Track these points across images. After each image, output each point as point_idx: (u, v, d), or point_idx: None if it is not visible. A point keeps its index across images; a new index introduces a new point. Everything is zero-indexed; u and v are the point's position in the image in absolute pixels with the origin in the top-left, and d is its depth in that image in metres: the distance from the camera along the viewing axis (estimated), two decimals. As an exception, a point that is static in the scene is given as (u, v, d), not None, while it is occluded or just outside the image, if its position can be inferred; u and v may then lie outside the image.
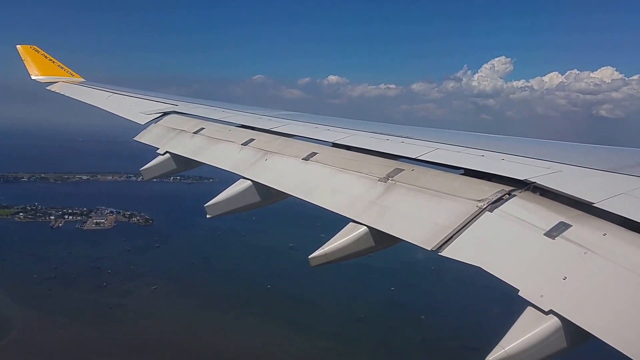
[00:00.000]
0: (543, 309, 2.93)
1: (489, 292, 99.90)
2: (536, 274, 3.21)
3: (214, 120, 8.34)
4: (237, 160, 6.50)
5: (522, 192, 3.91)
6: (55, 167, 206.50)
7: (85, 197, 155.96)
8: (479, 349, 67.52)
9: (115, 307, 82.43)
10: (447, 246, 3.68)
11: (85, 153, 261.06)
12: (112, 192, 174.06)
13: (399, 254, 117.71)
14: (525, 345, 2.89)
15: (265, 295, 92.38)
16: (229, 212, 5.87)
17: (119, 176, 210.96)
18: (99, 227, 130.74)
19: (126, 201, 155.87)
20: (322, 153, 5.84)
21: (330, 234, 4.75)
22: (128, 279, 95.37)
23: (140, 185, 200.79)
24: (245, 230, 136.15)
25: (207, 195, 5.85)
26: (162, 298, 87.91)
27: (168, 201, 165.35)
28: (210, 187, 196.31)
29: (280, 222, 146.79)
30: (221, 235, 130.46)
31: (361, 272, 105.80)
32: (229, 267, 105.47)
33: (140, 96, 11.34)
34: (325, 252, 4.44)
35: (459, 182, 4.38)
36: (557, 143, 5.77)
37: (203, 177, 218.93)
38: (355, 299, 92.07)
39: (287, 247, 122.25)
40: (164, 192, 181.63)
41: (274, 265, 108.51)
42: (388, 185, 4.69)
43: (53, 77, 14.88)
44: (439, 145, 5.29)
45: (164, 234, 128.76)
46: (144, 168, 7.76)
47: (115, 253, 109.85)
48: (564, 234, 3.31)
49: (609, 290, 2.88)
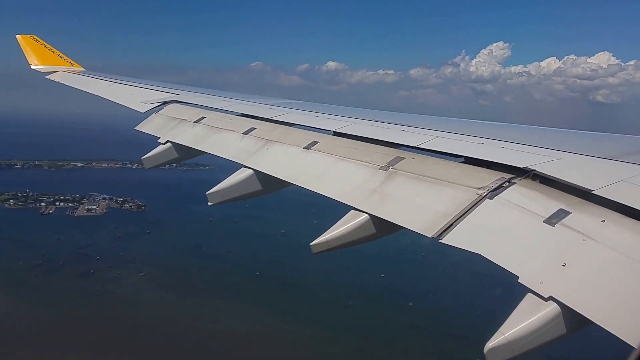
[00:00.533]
0: (543, 295, 2.94)
1: (478, 279, 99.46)
2: (536, 260, 3.22)
3: (215, 109, 8.36)
4: (238, 149, 6.49)
5: (521, 180, 3.92)
6: (50, 154, 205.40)
7: (78, 184, 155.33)
8: (466, 337, 67.75)
9: (102, 294, 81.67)
10: (447, 233, 3.69)
11: (83, 141, 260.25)
12: (107, 179, 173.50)
13: (389, 240, 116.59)
14: (525, 331, 2.91)
15: (254, 281, 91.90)
16: (230, 200, 5.94)
17: (114, 163, 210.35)
18: (90, 214, 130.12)
19: (120, 188, 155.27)
20: (323, 142, 5.85)
21: (323, 220, 4.92)
22: (116, 266, 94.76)
23: (135, 172, 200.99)
24: (238, 216, 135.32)
25: (203, 183, 5.87)
26: (149, 285, 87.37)
27: (162, 188, 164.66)
28: (206, 175, 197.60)
29: (274, 208, 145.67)
30: (213, 221, 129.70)
31: (351, 259, 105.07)
32: (218, 254, 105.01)
33: (141, 85, 11.38)
34: (326, 239, 4.41)
35: (459, 170, 4.40)
36: (557, 131, 5.81)
37: (199, 164, 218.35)
38: (344, 286, 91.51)
39: (278, 234, 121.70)
40: (158, 179, 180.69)
41: (264, 251, 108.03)
42: (389, 174, 4.70)
43: (53, 66, 14.88)
44: (440, 134, 5.28)
45: (155, 220, 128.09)
46: (145, 157, 7.78)
47: (105, 239, 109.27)
48: (564, 221, 3.31)
49: (607, 277, 2.89)
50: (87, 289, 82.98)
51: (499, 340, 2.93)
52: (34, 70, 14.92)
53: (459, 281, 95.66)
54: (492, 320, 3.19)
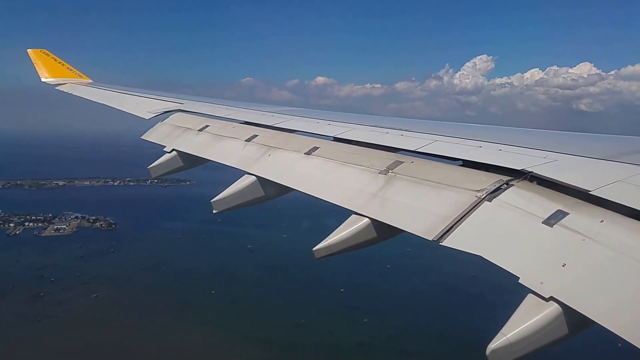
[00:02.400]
0: (544, 295, 2.96)
1: (439, 291, 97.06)
2: (535, 261, 3.23)
3: (218, 117, 8.45)
4: (242, 156, 6.55)
5: (519, 182, 3.94)
6: (33, 173, 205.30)
7: (54, 203, 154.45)
8: (418, 353, 65.01)
9: (45, 319, 79.70)
10: (447, 236, 3.70)
11: (70, 159, 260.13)
12: (85, 197, 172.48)
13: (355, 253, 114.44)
14: (527, 332, 2.92)
15: (209, 300, 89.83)
16: (234, 207, 5.96)
17: (96, 181, 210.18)
18: (58, 234, 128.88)
19: (96, 206, 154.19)
20: (324, 147, 5.90)
21: (294, 234, 3.12)
22: (69, 288, 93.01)
23: (116, 189, 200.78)
24: (207, 232, 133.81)
25: (180, 198, 3.83)
26: (100, 307, 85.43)
27: (139, 205, 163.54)
28: (186, 190, 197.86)
29: (246, 222, 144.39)
30: (181, 238, 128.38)
31: (312, 274, 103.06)
32: (179, 272, 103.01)
33: (146, 95, 11.52)
34: (328, 244, 4.42)
35: (457, 173, 4.44)
36: (553, 133, 5.84)
37: (180, 179, 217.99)
38: (301, 303, 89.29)
39: (245, 250, 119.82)
40: (137, 196, 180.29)
41: (226, 268, 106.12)
42: (388, 178, 4.73)
43: (62, 79, 15.28)
44: (438, 137, 5.32)
45: (124, 238, 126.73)
46: (151, 166, 7.81)
47: (65, 260, 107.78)
48: (562, 222, 3.33)
49: (607, 276, 2.90)
50: (31, 314, 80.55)
51: (501, 341, 2.91)
52: (45, 82, 15.26)
53: (422, 294, 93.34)
54: (447, 335, 1.97)
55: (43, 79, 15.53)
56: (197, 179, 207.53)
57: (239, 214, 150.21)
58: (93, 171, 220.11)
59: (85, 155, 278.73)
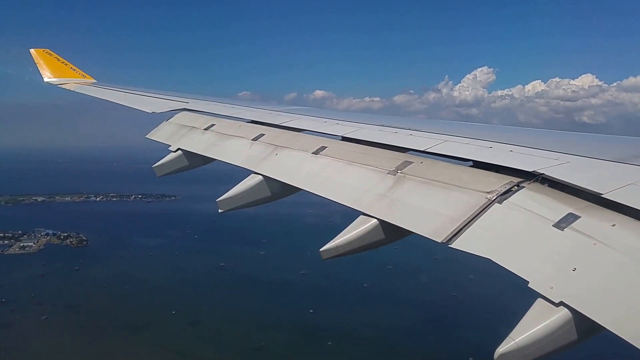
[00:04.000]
0: (553, 300, 2.91)
1: (412, 312, 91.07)
2: (546, 265, 3.18)
3: (224, 116, 8.36)
4: (248, 155, 6.48)
5: (530, 184, 3.89)
6: (13, 189, 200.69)
7: (28, 220, 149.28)
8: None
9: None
10: (456, 238, 3.66)
11: (57, 174, 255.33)
12: (63, 213, 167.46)
13: (331, 270, 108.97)
14: (536, 337, 2.88)
15: (167, 321, 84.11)
16: (240, 207, 5.87)
17: (78, 197, 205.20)
18: (23, 251, 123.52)
19: (71, 222, 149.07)
20: (332, 147, 5.83)
21: (271, 252, 33.42)
22: (20, 309, 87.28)
23: (97, 205, 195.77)
24: (181, 249, 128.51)
25: (161, 214, 12.10)
26: (47, 330, 79.61)
27: (117, 220, 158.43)
28: (170, 206, 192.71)
29: (225, 239, 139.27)
30: (152, 255, 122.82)
31: (282, 293, 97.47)
32: (142, 291, 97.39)
33: (152, 94, 11.35)
34: (336, 245, 4.35)
35: (467, 174, 4.38)
36: (565, 133, 5.77)
37: (165, 195, 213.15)
38: (265, 324, 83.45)
39: (217, 267, 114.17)
40: (117, 212, 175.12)
41: (193, 287, 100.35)
42: (397, 178, 4.68)
43: (66, 79, 15.13)
44: (448, 138, 5.26)
45: (93, 255, 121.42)
46: (156, 165, 7.73)
47: (24, 279, 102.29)
48: (573, 225, 3.28)
49: (619, 282, 2.85)
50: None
51: (510, 345, 2.86)
52: (48, 83, 15.05)
53: (393, 316, 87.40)
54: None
55: (46, 79, 15.26)
56: (183, 194, 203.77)
57: (219, 230, 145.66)
58: (77, 187, 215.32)
59: (73, 171, 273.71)
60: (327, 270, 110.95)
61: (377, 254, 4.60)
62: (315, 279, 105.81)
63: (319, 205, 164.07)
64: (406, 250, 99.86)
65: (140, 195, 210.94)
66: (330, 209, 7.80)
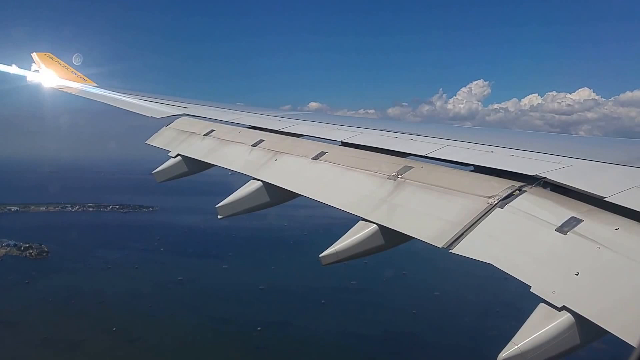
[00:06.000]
0: (556, 305, 2.90)
1: (367, 330, 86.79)
2: (548, 270, 3.17)
3: (224, 122, 8.30)
4: (248, 161, 6.48)
5: (532, 188, 3.87)
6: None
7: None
8: None
9: None
10: (457, 243, 3.64)
11: (37, 184, 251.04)
12: (33, 223, 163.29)
13: (292, 285, 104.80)
14: (538, 341, 2.87)
15: (105, 338, 79.97)
16: (239, 213, 5.87)
17: (54, 207, 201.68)
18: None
19: (38, 233, 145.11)
20: (331, 152, 5.81)
21: (235, 265, 33.32)
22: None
23: (71, 215, 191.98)
24: (143, 261, 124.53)
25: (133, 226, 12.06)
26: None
27: (86, 231, 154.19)
28: (145, 217, 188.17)
29: (190, 251, 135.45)
30: (111, 268, 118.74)
31: (233, 311, 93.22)
32: (87, 305, 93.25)
33: (152, 99, 11.23)
34: (335, 250, 4.33)
35: (468, 178, 4.37)
36: (567, 137, 5.91)
37: (143, 206, 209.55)
38: (204, 341, 79.29)
39: (174, 282, 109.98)
40: (89, 222, 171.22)
41: (142, 302, 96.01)
42: (397, 183, 4.65)
43: (67, 82, 15.09)
44: (448, 142, 5.24)
45: (49, 267, 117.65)
46: (155, 171, 7.64)
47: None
48: (576, 229, 3.26)
49: (622, 285, 2.83)
50: None
51: (512, 350, 2.85)
52: (50, 86, 15.01)
53: (342, 334, 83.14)
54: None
55: (48, 82, 15.33)
56: (162, 205, 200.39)
57: (187, 242, 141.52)
58: (54, 197, 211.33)
59: (58, 180, 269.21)
60: (288, 285, 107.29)
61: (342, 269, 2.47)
62: (272, 295, 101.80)
63: (300, 218, 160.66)
64: (375, 264, 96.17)
65: (118, 205, 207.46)
66: (309, 222, 4.04)
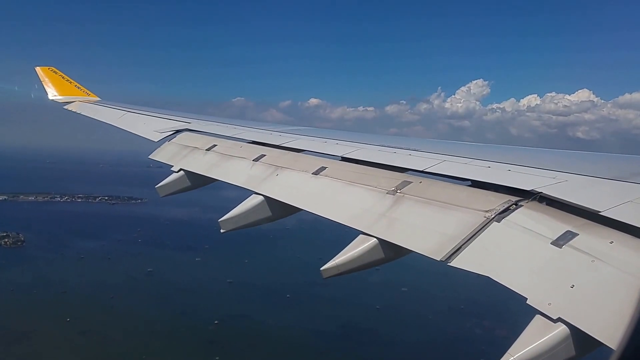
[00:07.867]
0: (551, 316, 2.94)
1: (325, 326, 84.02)
2: (544, 282, 3.22)
3: (226, 137, 8.37)
4: (249, 175, 6.55)
5: (528, 202, 3.91)
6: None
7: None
8: None
9: None
10: (455, 256, 3.69)
11: (32, 174, 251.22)
12: (16, 212, 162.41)
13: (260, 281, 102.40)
14: (534, 353, 2.91)
15: (56, 329, 78.12)
16: (242, 227, 5.93)
17: (43, 197, 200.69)
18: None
19: (18, 222, 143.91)
20: (332, 167, 5.88)
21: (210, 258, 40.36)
22: None
23: (57, 205, 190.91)
24: (117, 253, 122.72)
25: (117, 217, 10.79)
26: None
27: (67, 221, 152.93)
28: (131, 208, 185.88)
29: (169, 243, 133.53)
30: (84, 258, 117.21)
31: (195, 301, 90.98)
32: (49, 295, 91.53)
33: (154, 114, 11.30)
34: (336, 263, 4.42)
35: (466, 193, 4.41)
36: (563, 152, 5.87)
37: (133, 197, 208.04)
38: (158, 333, 77.41)
39: (144, 273, 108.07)
40: (72, 213, 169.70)
41: (106, 293, 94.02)
42: (396, 198, 4.70)
43: (70, 96, 15.29)
44: (446, 157, 5.31)
45: (21, 256, 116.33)
46: (158, 185, 7.68)
47: None
48: (571, 243, 3.31)
49: (617, 298, 2.86)
50: None
51: None
52: (53, 100, 15.20)
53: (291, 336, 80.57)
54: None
55: (51, 96, 15.45)
56: (152, 197, 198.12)
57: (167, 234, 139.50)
58: (45, 186, 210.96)
59: (55, 171, 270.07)
60: (257, 279, 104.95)
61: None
62: (239, 288, 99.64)
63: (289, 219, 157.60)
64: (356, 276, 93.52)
65: (107, 197, 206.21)
66: (292, 218, 5.76)
